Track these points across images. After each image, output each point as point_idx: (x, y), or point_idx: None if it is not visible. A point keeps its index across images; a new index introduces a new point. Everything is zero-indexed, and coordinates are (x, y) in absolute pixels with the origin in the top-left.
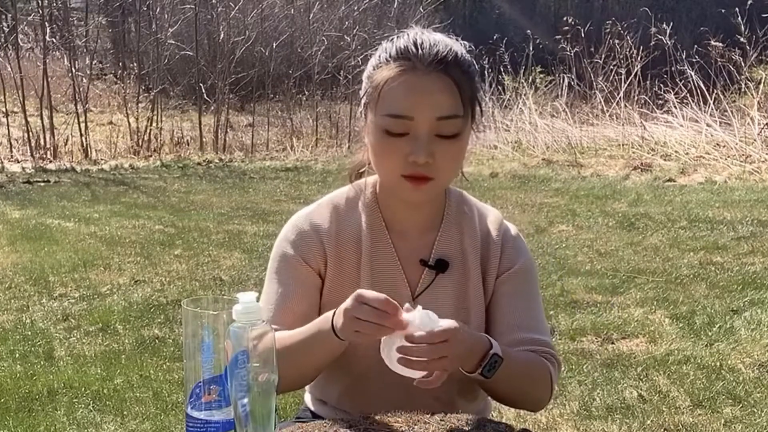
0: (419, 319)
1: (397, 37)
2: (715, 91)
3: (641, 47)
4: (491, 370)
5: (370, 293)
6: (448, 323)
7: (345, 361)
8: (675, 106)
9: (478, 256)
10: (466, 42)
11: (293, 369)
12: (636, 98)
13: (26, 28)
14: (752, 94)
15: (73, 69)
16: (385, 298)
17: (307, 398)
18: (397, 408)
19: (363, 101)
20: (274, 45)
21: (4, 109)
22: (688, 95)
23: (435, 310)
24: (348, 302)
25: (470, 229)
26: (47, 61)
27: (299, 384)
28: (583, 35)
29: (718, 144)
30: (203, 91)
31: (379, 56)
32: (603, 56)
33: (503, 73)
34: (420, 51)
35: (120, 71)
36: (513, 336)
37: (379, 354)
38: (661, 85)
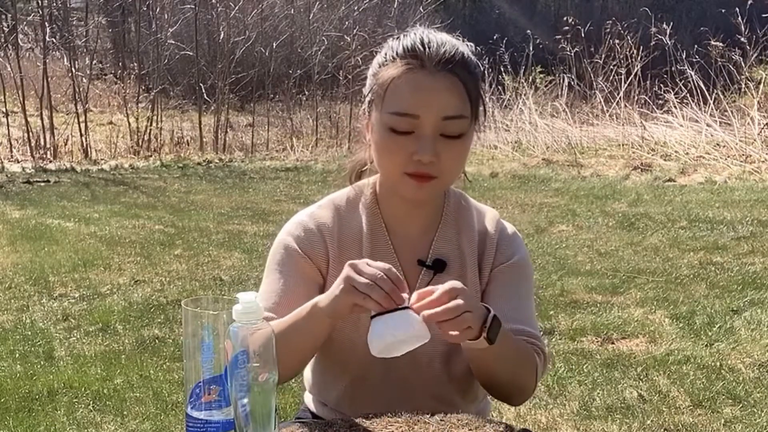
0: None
1: (404, 35)
2: (715, 91)
3: (641, 47)
4: (495, 333)
5: (365, 262)
6: (450, 282)
7: (344, 362)
8: (675, 106)
9: (475, 253)
10: (471, 43)
11: (285, 354)
12: (636, 98)
13: (26, 28)
14: (752, 94)
15: (73, 69)
16: (389, 267)
17: (307, 399)
18: (397, 409)
19: (367, 99)
20: (274, 45)
21: (4, 109)
22: (688, 95)
23: None
24: (345, 272)
25: (468, 228)
26: (47, 61)
27: (292, 369)
28: (583, 35)
29: (718, 144)
30: (203, 91)
31: (385, 54)
32: (603, 56)
33: (503, 73)
34: (427, 50)
35: (120, 71)
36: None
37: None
38: (661, 85)
